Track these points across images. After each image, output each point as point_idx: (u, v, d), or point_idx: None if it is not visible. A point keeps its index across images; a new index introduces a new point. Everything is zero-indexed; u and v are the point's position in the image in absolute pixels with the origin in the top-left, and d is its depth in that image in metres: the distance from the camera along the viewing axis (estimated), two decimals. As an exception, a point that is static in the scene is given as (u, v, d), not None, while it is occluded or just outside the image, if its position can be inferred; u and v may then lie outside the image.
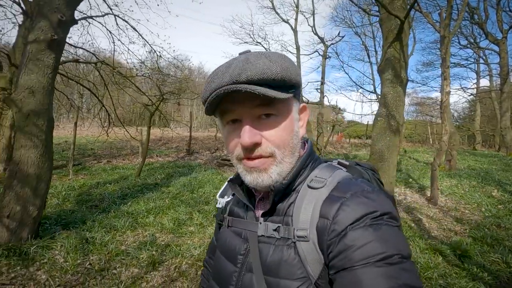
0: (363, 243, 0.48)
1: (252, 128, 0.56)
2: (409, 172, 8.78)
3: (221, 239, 0.71)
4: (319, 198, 0.56)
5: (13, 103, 3.31)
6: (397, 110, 3.97)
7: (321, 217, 0.53)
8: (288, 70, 0.55)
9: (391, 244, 0.47)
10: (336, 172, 0.60)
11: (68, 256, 2.99)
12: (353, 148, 15.84)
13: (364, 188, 0.55)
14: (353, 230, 0.49)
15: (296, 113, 0.61)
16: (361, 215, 0.50)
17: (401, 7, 4.04)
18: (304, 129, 0.63)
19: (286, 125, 0.57)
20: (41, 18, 3.51)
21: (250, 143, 0.55)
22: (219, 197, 0.80)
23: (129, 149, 11.73)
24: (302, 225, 0.55)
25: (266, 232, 0.60)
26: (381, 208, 0.51)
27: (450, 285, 2.77)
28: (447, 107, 7.39)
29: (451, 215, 5.07)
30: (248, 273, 0.60)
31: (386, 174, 3.87)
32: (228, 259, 0.66)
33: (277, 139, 0.56)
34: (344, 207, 0.52)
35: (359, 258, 0.47)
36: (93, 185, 6.09)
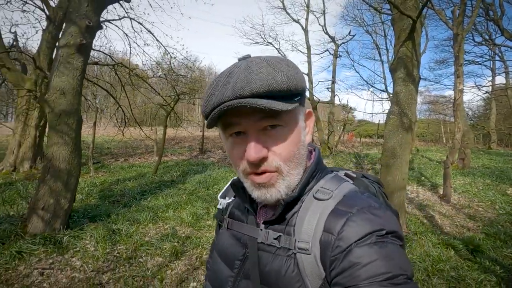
0: (368, 261, 0.46)
1: (258, 142, 0.54)
2: (421, 170, 8.76)
3: (219, 240, 0.70)
4: (324, 211, 0.54)
5: (46, 104, 3.57)
6: (410, 108, 4.05)
7: (325, 231, 0.52)
8: (293, 78, 0.52)
9: (396, 264, 0.47)
10: (343, 185, 0.59)
11: (98, 245, 3.22)
12: (364, 147, 15.79)
13: (370, 204, 0.53)
14: (358, 247, 0.48)
15: (302, 121, 0.58)
16: (367, 233, 0.49)
17: (413, 6, 4.11)
18: (310, 136, 0.61)
19: (292, 137, 0.55)
20: (71, 24, 3.75)
21: (257, 158, 0.53)
22: (220, 198, 0.78)
23: (144, 148, 12.08)
24: (304, 237, 0.53)
25: (267, 240, 0.58)
26: (387, 226, 0.50)
27: (461, 277, 2.85)
28: (460, 105, 7.36)
29: (464, 212, 5.09)
30: (244, 279, 0.59)
31: (398, 170, 3.95)
32: (225, 262, 0.65)
33: (283, 152, 0.55)
34: (350, 222, 0.50)
35: (364, 277, 0.45)
36: (113, 181, 6.37)
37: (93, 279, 2.62)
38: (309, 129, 0.61)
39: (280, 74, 0.51)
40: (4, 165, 6.72)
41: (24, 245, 3.00)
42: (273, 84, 0.50)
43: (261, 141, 0.54)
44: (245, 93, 0.49)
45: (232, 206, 0.72)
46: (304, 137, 0.59)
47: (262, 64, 0.52)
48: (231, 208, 0.72)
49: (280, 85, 0.50)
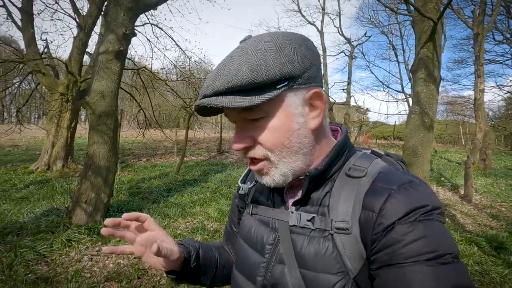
0: (412, 239, 0.44)
1: (242, 132, 0.54)
2: (440, 171, 8.69)
3: (244, 227, 0.68)
4: (361, 188, 0.52)
5: (88, 106, 3.88)
6: (430, 107, 4.13)
7: (365, 209, 0.49)
8: (260, 68, 0.48)
9: (443, 242, 0.45)
10: (375, 161, 0.57)
11: (136, 236, 3.48)
12: (381, 148, 15.67)
13: (411, 180, 0.51)
14: (401, 224, 0.46)
15: (298, 106, 0.53)
16: (412, 209, 0.46)
17: (434, 8, 4.19)
18: (320, 119, 0.55)
19: (278, 126, 0.52)
20: (109, 32, 4.06)
21: (237, 148, 0.54)
22: (240, 183, 0.74)
23: (164, 149, 12.48)
24: (342, 217, 0.51)
25: (299, 222, 0.56)
26: (431, 202, 0.47)
27: (486, 271, 2.93)
28: (481, 105, 7.31)
29: (486, 212, 5.09)
30: (279, 264, 0.57)
31: (420, 169, 4.04)
32: (254, 248, 0.62)
33: (268, 142, 0.53)
34: (392, 199, 0.48)
35: (408, 255, 0.44)
36: (140, 180, 6.70)
37: (137, 265, 2.86)
38: (319, 111, 0.54)
39: (245, 66, 0.48)
40: (39, 164, 7.18)
41: (72, 234, 3.30)
42: (233, 81, 0.48)
43: (246, 131, 0.54)
44: (208, 92, 0.50)
45: (254, 191, 0.69)
46: (301, 125, 0.53)
47: (242, 53, 0.50)
48: (254, 193, 0.68)
49: (241, 80, 0.47)
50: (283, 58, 0.49)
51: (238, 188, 0.74)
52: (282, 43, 0.50)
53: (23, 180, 6.12)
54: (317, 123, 0.54)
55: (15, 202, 4.73)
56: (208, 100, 0.49)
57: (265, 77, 0.48)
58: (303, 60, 0.51)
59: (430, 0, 4.20)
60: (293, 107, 0.53)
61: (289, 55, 0.50)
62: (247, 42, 0.52)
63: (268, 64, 0.48)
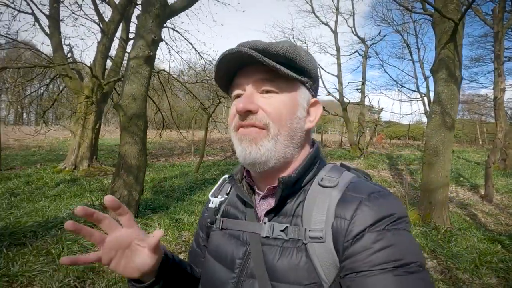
0: (380, 247, 0.45)
1: (250, 98, 0.56)
2: (459, 171, 8.60)
3: (212, 243, 0.66)
4: (333, 198, 0.53)
5: (121, 108, 4.11)
6: (452, 107, 4.17)
7: (337, 217, 0.50)
8: (296, 50, 0.55)
9: (409, 251, 0.46)
10: (345, 173, 0.59)
11: (167, 231, 3.68)
12: (395, 148, 15.52)
13: (379, 190, 0.53)
14: (370, 232, 0.47)
15: (304, 102, 0.59)
16: (381, 217, 0.48)
17: (455, 9, 4.23)
18: (313, 125, 0.61)
19: (286, 103, 0.56)
20: (139, 38, 4.29)
21: (243, 108, 0.54)
22: (211, 197, 0.72)
23: (180, 149, 12.78)
24: (315, 226, 0.51)
25: (272, 233, 0.55)
26: (399, 211, 0.49)
27: (510, 268, 2.98)
28: (502, 104, 7.21)
29: (508, 212, 5.07)
30: (249, 278, 0.55)
31: (441, 168, 4.09)
32: (223, 264, 0.60)
33: (273, 111, 0.55)
34: (362, 207, 0.49)
35: (376, 263, 0.45)
36: (161, 179, 6.95)
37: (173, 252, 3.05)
38: (314, 118, 0.62)
39: (285, 43, 0.55)
40: (67, 164, 7.53)
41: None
42: (273, 46, 0.54)
43: (254, 99, 0.56)
44: (246, 45, 0.55)
45: (225, 204, 0.68)
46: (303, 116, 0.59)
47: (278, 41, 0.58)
48: (225, 206, 0.68)
49: (280, 49, 0.53)
50: (310, 57, 0.59)
51: (207, 202, 0.72)
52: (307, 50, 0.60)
53: (54, 179, 6.45)
54: (310, 127, 0.61)
55: (49, 199, 5.03)
56: (244, 49, 0.52)
57: (298, 58, 0.56)
58: (317, 70, 0.61)
59: (451, 1, 4.25)
60: (301, 100, 0.58)
61: (313, 60, 0.60)
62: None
63: (301, 53, 0.57)
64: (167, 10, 4.59)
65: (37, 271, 2.58)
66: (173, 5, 4.80)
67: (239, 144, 0.57)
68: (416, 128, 27.16)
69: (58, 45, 7.75)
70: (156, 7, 4.33)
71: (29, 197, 5.05)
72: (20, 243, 3.09)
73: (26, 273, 2.52)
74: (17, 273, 2.51)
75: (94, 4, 8.23)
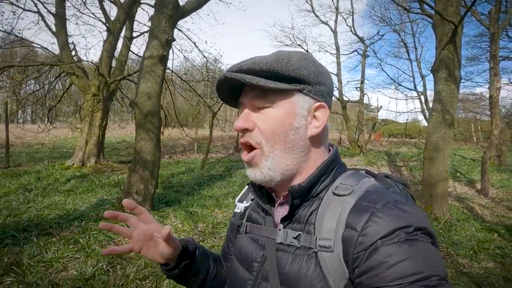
0: (396, 261, 0.43)
1: (246, 116, 0.58)
2: (456, 167, 8.89)
3: (237, 245, 0.70)
4: (345, 207, 0.52)
5: (136, 106, 4.28)
6: (451, 105, 4.41)
7: (348, 227, 0.49)
8: (283, 61, 0.54)
9: (428, 264, 0.44)
10: (363, 180, 0.57)
11: (184, 223, 3.87)
12: (393, 145, 15.83)
13: (396, 199, 0.50)
14: (384, 245, 0.45)
15: (303, 110, 0.57)
16: (394, 229, 0.46)
17: (455, 12, 4.46)
18: (320, 130, 0.59)
19: (280, 118, 0.56)
20: (153, 38, 4.45)
21: (238, 126, 0.57)
22: (238, 202, 0.76)
23: (182, 147, 12.93)
24: (325, 235, 0.51)
25: (286, 239, 0.56)
26: (416, 222, 0.47)
27: (506, 254, 3.23)
28: (497, 103, 7.49)
29: (503, 205, 5.34)
30: (264, 282, 0.58)
31: (441, 162, 4.33)
32: (243, 266, 0.64)
33: (266, 129, 0.56)
34: (374, 218, 0.47)
35: (392, 278, 0.43)
36: (169, 175, 7.12)
37: (191, 246, 3.24)
38: (321, 123, 0.59)
39: (272, 57, 0.55)
40: (75, 160, 7.66)
41: (129, 220, 3.70)
42: (256, 62, 0.54)
43: (251, 116, 0.58)
44: (234, 69, 0.57)
45: (250, 210, 0.71)
46: (302, 125, 0.57)
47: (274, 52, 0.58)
48: (249, 211, 0.71)
49: (263, 64, 0.54)
50: (303, 63, 0.56)
51: (235, 207, 0.77)
52: (307, 55, 0.59)
53: (64, 175, 6.59)
54: (316, 132, 0.58)
55: (63, 194, 5.18)
56: (231, 74, 0.55)
57: (284, 68, 0.54)
58: (318, 75, 0.58)
59: (451, 4, 4.48)
60: (299, 108, 0.57)
61: (309, 64, 0.57)
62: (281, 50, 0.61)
63: (290, 61, 0.55)
64: (179, 11, 4.76)
65: (69, 258, 2.76)
66: (185, 6, 4.96)
67: (246, 168, 0.61)
68: (412, 126, 27.53)
69: (64, 44, 7.86)
70: (169, 8, 4.49)
71: (43, 192, 5.19)
72: (47, 233, 3.26)
73: (59, 259, 2.70)
74: (51, 259, 2.69)
75: (100, 3, 8.34)
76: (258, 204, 0.67)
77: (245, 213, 0.72)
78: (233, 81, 0.56)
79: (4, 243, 2.93)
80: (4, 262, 2.60)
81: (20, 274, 2.41)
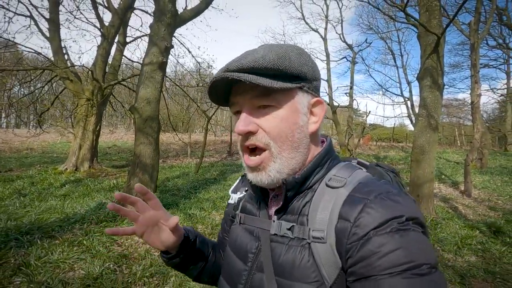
0: (388, 250, 0.44)
1: (249, 117, 0.56)
2: (441, 170, 9.28)
3: (232, 236, 0.70)
4: (338, 198, 0.53)
5: (136, 111, 4.39)
6: (436, 111, 4.70)
7: (341, 218, 0.50)
8: (285, 58, 0.53)
9: (419, 253, 0.44)
10: (356, 172, 0.58)
11: (183, 224, 3.98)
12: (381, 149, 16.29)
13: (388, 190, 0.51)
14: (377, 235, 0.46)
15: (304, 107, 0.57)
16: (386, 219, 0.46)
17: (437, 24, 4.78)
18: (318, 125, 0.59)
19: (285, 117, 0.55)
20: (152, 45, 4.59)
21: (242, 130, 0.55)
22: (231, 193, 0.76)
23: (174, 151, 12.96)
24: (318, 226, 0.52)
25: (280, 231, 0.57)
26: (408, 212, 0.48)
27: (487, 249, 3.49)
28: (478, 108, 7.92)
29: (484, 205, 5.67)
30: (259, 272, 0.58)
31: (427, 164, 4.60)
32: (238, 257, 0.64)
33: (273, 130, 0.55)
34: (367, 209, 0.48)
35: (384, 267, 0.44)
36: (164, 179, 7.18)
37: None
38: (318, 118, 0.60)
39: (272, 53, 0.52)
40: (68, 165, 7.63)
41: (129, 223, 3.78)
42: (259, 61, 0.51)
43: (253, 117, 0.56)
44: (232, 67, 0.53)
45: (243, 201, 0.71)
46: (305, 123, 0.58)
47: (267, 46, 0.56)
48: (243, 202, 0.71)
49: (267, 63, 0.51)
50: (302, 59, 0.56)
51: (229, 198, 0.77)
52: (301, 50, 0.58)
53: (58, 180, 6.57)
54: (315, 128, 0.59)
55: (59, 198, 5.19)
56: (232, 74, 0.51)
57: (288, 67, 0.53)
58: (314, 70, 0.58)
59: (434, 17, 4.80)
60: (301, 106, 0.57)
61: (306, 60, 0.56)
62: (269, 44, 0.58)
63: (291, 58, 0.54)
64: (178, 19, 4.92)
65: (75, 259, 2.84)
66: (183, 14, 5.13)
67: (249, 171, 0.59)
68: (399, 131, 28.34)
69: (58, 48, 7.87)
70: (168, 16, 4.65)
71: (38, 197, 5.19)
72: (50, 236, 3.32)
73: (66, 260, 2.78)
74: (58, 260, 2.76)
75: (95, 8, 8.39)
76: (252, 195, 0.68)
77: (239, 204, 0.72)
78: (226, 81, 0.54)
79: (9, 245, 2.98)
80: (11, 263, 2.67)
81: (30, 274, 2.48)
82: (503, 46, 17.20)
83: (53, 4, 8.00)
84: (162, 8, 4.63)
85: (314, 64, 0.58)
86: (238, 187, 0.77)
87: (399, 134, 27.25)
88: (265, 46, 0.56)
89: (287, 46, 0.56)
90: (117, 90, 13.62)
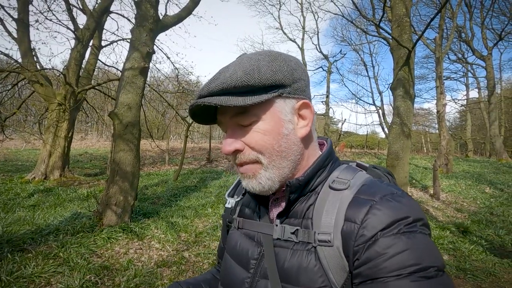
0: (396, 252, 0.44)
1: (232, 137, 0.55)
2: (411, 175, 9.80)
3: (230, 242, 0.67)
4: (344, 201, 0.52)
5: (116, 116, 4.25)
6: (408, 119, 5.02)
7: (347, 220, 0.50)
8: (254, 72, 0.51)
9: (427, 255, 0.44)
10: (358, 174, 0.58)
11: (167, 233, 3.88)
12: (355, 156, 16.90)
13: (393, 191, 0.51)
14: (384, 236, 0.46)
15: (287, 114, 0.55)
16: (393, 221, 0.46)
17: (408, 39, 5.15)
18: (308, 128, 0.57)
19: (268, 129, 0.54)
20: (134, 50, 4.50)
21: (227, 151, 0.55)
22: (228, 197, 0.74)
23: (151, 159, 12.59)
24: (324, 229, 0.51)
25: (283, 235, 0.56)
26: (413, 213, 0.48)
27: (457, 248, 3.74)
28: (443, 117, 8.54)
29: (452, 207, 6.07)
30: (263, 279, 0.56)
31: (402, 169, 4.87)
32: (239, 264, 0.62)
33: (257, 144, 0.54)
34: (374, 210, 0.48)
35: (391, 269, 0.43)
36: (142, 187, 6.96)
37: (177, 255, 3.29)
38: (308, 121, 0.58)
39: (240, 70, 0.51)
40: (36, 174, 7.16)
41: (109, 233, 3.63)
42: (227, 81, 0.51)
43: (236, 136, 0.55)
44: (203, 93, 0.53)
45: (241, 205, 0.70)
46: (290, 131, 0.56)
47: (238, 61, 0.55)
48: (241, 206, 0.70)
49: (235, 82, 0.50)
50: (275, 67, 0.53)
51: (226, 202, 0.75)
52: (274, 56, 0.55)
53: (25, 190, 6.14)
54: (305, 132, 0.57)
55: (28, 209, 4.87)
56: (202, 100, 0.51)
57: (258, 80, 0.51)
58: (292, 72, 0.55)
59: (405, 32, 5.16)
60: (283, 114, 0.55)
61: (280, 65, 0.54)
62: (243, 56, 0.57)
63: (260, 70, 0.51)
64: (159, 25, 4.88)
65: (52, 272, 2.68)
66: (165, 20, 5.09)
67: (242, 179, 0.59)
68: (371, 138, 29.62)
69: (27, 50, 7.44)
70: (149, 21, 4.60)
71: (4, 208, 4.83)
72: (21, 249, 3.10)
73: (41, 274, 2.61)
74: (32, 274, 2.59)
75: (69, 10, 8.08)
76: (251, 199, 0.66)
77: (236, 208, 0.71)
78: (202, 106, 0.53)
79: (-26, 261, 2.74)
80: (-21, 280, 2.46)
81: (1, 291, 2.31)
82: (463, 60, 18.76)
83: (23, 4, 7.59)
84: (144, 14, 4.58)
85: (290, 67, 0.55)
86: (235, 190, 0.76)
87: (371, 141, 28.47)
88: (237, 60, 0.55)
89: (258, 55, 0.55)
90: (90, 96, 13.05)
